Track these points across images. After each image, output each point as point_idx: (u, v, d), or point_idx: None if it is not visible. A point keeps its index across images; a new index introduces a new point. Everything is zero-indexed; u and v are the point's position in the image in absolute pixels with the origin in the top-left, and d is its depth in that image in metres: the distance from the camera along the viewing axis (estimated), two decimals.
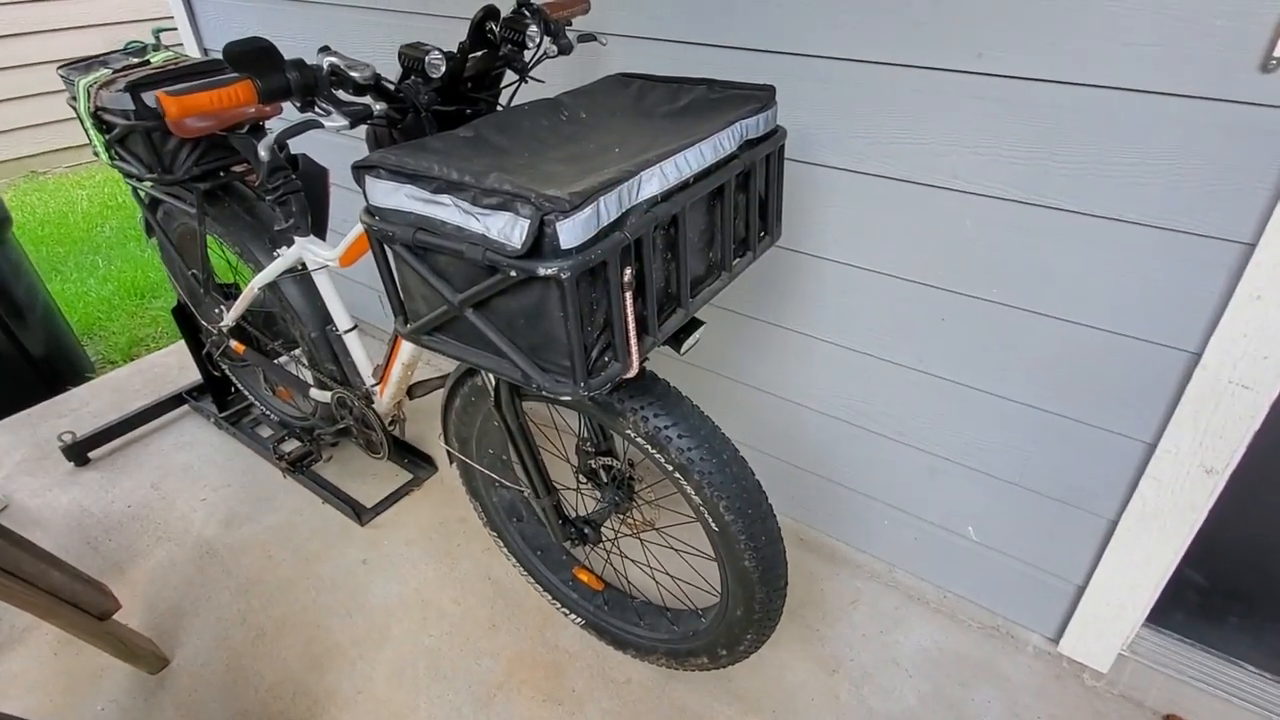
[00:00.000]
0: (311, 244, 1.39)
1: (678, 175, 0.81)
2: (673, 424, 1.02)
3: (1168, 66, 0.89)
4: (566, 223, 0.68)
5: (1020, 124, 1.01)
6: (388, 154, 0.79)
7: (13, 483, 1.90)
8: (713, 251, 0.95)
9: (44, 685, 1.42)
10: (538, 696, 1.38)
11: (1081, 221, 1.02)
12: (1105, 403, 1.13)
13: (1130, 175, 0.96)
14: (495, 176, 0.71)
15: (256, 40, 0.79)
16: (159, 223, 1.72)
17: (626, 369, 0.80)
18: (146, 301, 3.04)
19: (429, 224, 0.77)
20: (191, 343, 1.95)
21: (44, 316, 2.31)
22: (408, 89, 0.92)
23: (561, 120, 0.96)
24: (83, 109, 1.44)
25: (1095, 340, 1.09)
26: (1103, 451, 1.16)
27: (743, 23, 1.18)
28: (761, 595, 1.09)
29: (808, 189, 1.24)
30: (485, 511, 1.48)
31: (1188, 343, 1.01)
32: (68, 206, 3.89)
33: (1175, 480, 1.10)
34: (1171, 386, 1.05)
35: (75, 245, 3.51)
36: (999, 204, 1.08)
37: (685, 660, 1.31)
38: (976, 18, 0.98)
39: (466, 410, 1.29)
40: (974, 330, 1.20)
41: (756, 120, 0.94)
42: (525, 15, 1.02)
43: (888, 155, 1.14)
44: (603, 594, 1.45)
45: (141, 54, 1.55)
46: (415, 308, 0.87)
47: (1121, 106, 0.93)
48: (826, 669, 1.41)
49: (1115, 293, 1.04)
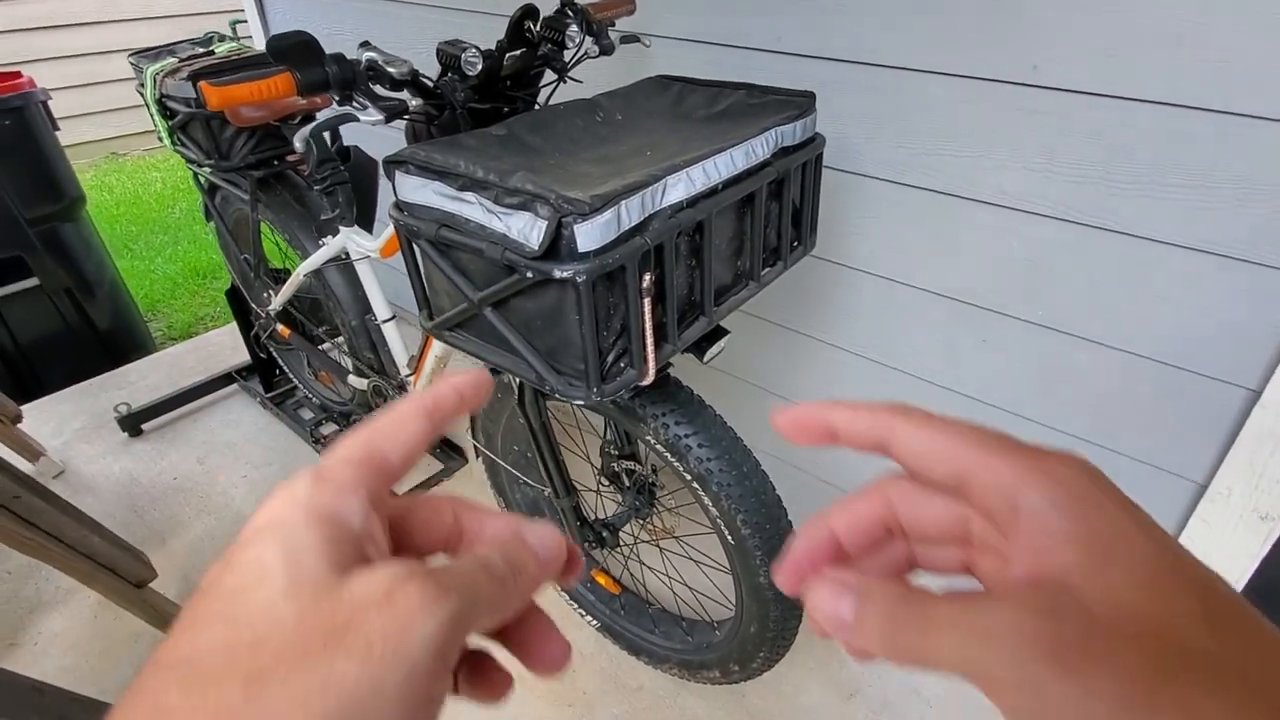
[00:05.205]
0: (355, 234, 1.42)
1: (705, 181, 0.79)
2: (693, 433, 1.00)
3: (1240, 84, 0.83)
4: (585, 225, 0.67)
5: (1075, 140, 0.97)
6: (418, 150, 0.79)
7: (70, 449, 1.99)
8: (741, 260, 0.93)
9: (82, 646, 1.48)
10: (548, 696, 1.38)
11: (1136, 245, 0.97)
12: (1154, 437, 1.06)
13: (1192, 199, 0.91)
14: (520, 176, 0.71)
15: (299, 34, 0.81)
16: (216, 208, 1.78)
17: (642, 376, 0.79)
18: (208, 282, 3.16)
19: (453, 221, 0.77)
20: (242, 324, 2.02)
21: (111, 292, 2.43)
22: (444, 86, 0.93)
23: (597, 121, 0.96)
24: (149, 95, 1.50)
25: (1146, 371, 1.03)
26: (1149, 489, 1.10)
27: (790, 27, 1.15)
28: (776, 614, 1.06)
29: (848, 199, 1.21)
30: (508, 507, 1.49)
31: (1247, 380, 0.95)
32: (142, 188, 4.09)
33: (1227, 524, 1.03)
34: (1227, 425, 0.99)
35: (147, 225, 3.68)
36: (1049, 223, 1.03)
37: (698, 672, 1.29)
38: (1033, 27, 0.94)
39: (493, 406, 1.30)
40: (1016, 354, 1.15)
41: (793, 127, 0.92)
42: (566, 15, 1.02)
43: (933, 167, 1.10)
44: (620, 598, 1.44)
45: (207, 44, 1.61)
46: (439, 303, 0.88)
47: (1185, 126, 0.88)
48: (843, 694, 1.37)
49: (1169, 322, 0.99)
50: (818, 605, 0.24)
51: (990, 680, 0.20)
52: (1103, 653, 0.19)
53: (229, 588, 0.21)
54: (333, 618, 0.20)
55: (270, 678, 0.18)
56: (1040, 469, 0.22)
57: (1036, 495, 0.22)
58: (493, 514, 0.27)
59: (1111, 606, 0.20)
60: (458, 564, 0.23)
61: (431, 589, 0.21)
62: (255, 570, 0.21)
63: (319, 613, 0.20)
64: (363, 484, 0.24)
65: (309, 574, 0.20)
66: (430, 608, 0.20)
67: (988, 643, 0.20)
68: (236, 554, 0.22)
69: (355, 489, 0.23)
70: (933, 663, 0.21)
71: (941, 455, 0.24)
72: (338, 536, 0.22)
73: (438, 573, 0.22)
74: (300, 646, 0.19)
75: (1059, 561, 0.21)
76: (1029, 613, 0.20)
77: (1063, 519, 0.21)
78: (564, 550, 0.27)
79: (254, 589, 0.20)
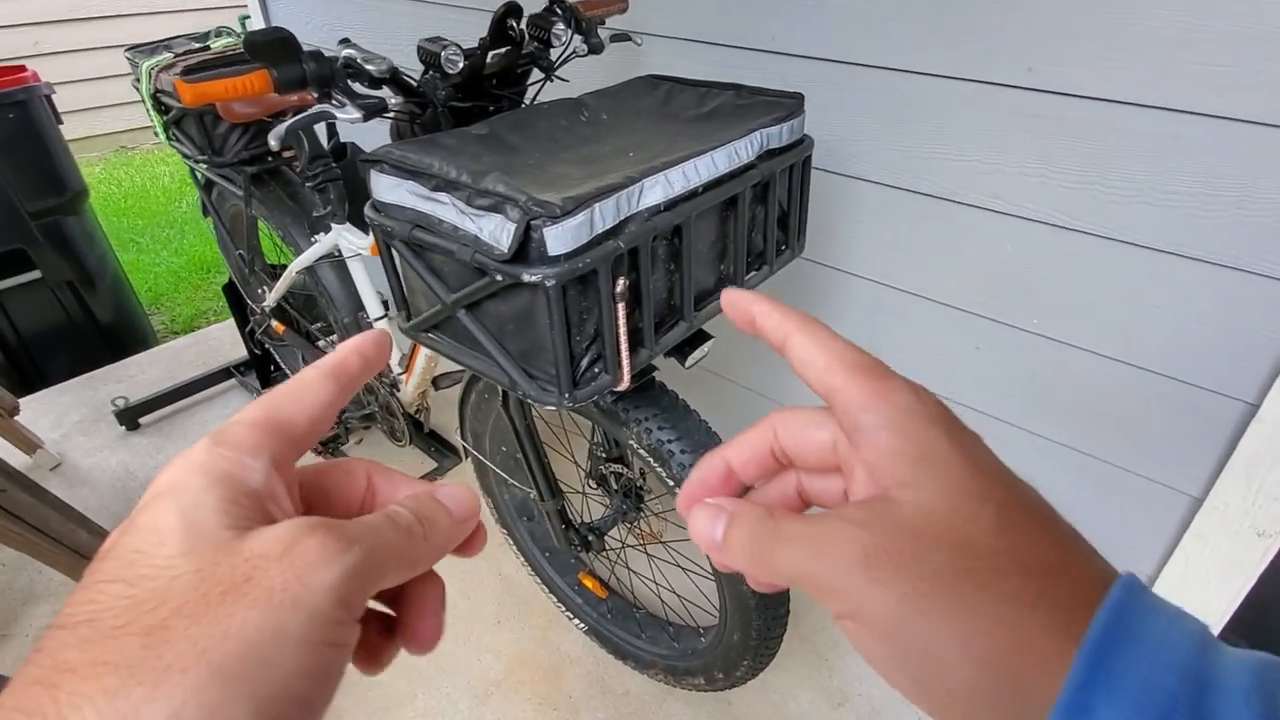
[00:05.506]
0: (348, 231, 1.41)
1: (685, 183, 0.78)
2: (676, 438, 0.99)
3: (1238, 90, 0.80)
4: (555, 229, 0.66)
5: (1071, 144, 0.94)
6: (393, 149, 0.78)
7: (68, 441, 2.00)
8: (724, 264, 0.91)
9: None
10: (534, 699, 1.37)
11: (1132, 253, 0.95)
12: (1149, 450, 1.04)
13: (1189, 206, 0.88)
14: (493, 177, 0.70)
15: (277, 30, 0.80)
16: (213, 203, 1.78)
17: (617, 382, 0.78)
18: (211, 276, 3.17)
19: (427, 221, 0.76)
20: (239, 319, 2.02)
21: (113, 285, 2.44)
22: (426, 84, 0.92)
23: (581, 121, 0.94)
24: (144, 90, 1.50)
25: (1141, 382, 1.01)
26: (1143, 502, 1.08)
27: (785, 26, 1.13)
28: (759, 622, 1.05)
29: (839, 202, 1.19)
30: (496, 508, 1.48)
31: (1244, 393, 0.93)
32: (150, 182, 4.11)
33: (1222, 540, 1.01)
34: (1223, 439, 0.96)
35: (153, 218, 3.69)
36: (1043, 229, 1.01)
37: (683, 678, 1.28)
38: (1029, 29, 0.92)
39: (480, 407, 1.29)
40: (1010, 361, 1.13)
41: (780, 129, 0.90)
42: (554, 13, 1.01)
43: (926, 171, 1.08)
44: (607, 602, 1.43)
45: (204, 40, 1.61)
46: (416, 304, 0.87)
47: (1183, 131, 0.86)
48: (832, 702, 1.36)
49: (1165, 332, 0.96)
50: (696, 527, 0.26)
51: (820, 587, 0.22)
52: (908, 558, 0.21)
53: (128, 549, 0.21)
54: (232, 572, 0.20)
55: (170, 630, 0.19)
56: (882, 393, 0.24)
57: (873, 416, 0.24)
58: (407, 477, 0.28)
59: (923, 515, 0.21)
60: (364, 518, 0.24)
61: (333, 540, 0.21)
62: (153, 532, 0.21)
63: (218, 568, 0.20)
64: (264, 446, 0.24)
65: (207, 533, 0.21)
66: (330, 559, 0.21)
67: (818, 553, 0.22)
68: (137, 518, 0.22)
69: (255, 451, 0.24)
70: (782, 575, 0.23)
71: (819, 369, 0.26)
72: (236, 497, 0.22)
73: (340, 525, 0.22)
74: (199, 600, 0.19)
75: (886, 477, 0.23)
76: (850, 524, 0.22)
77: (892, 438, 0.23)
78: (477, 507, 0.27)
79: (153, 549, 0.20)
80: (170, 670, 0.18)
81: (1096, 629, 0.19)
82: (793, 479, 0.29)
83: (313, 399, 0.26)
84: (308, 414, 0.26)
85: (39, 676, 0.18)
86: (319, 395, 0.26)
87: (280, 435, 0.25)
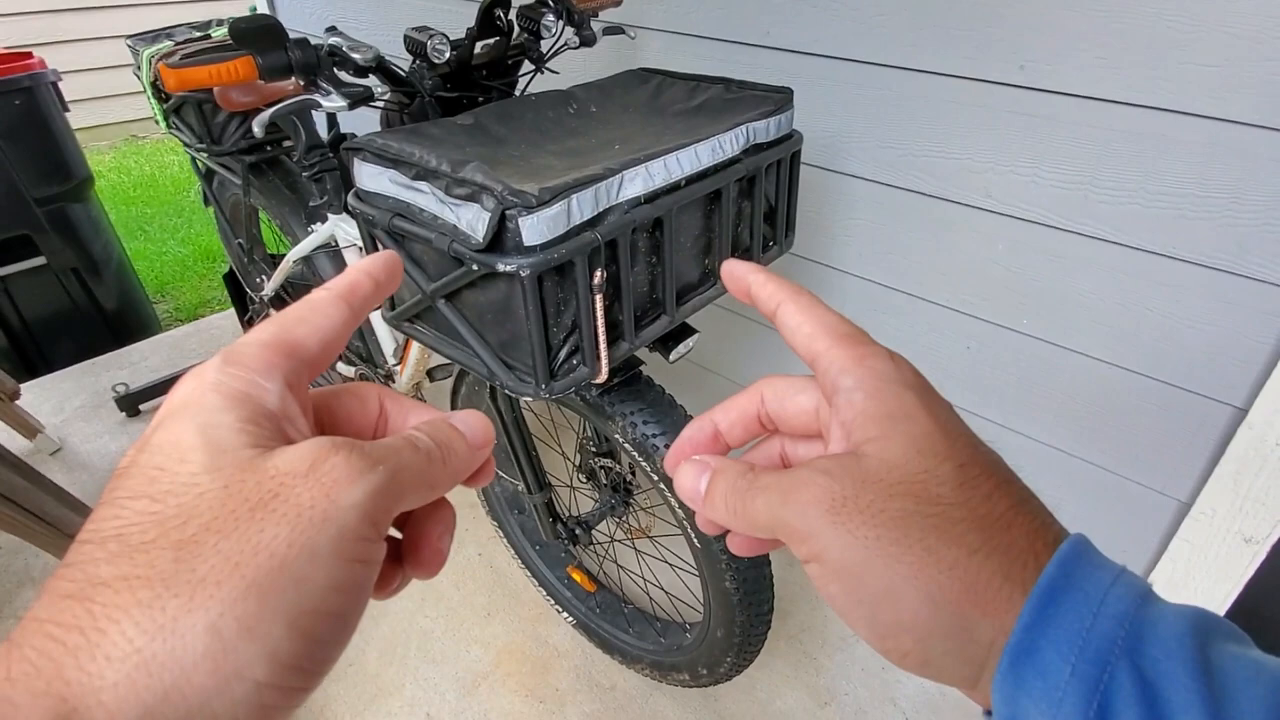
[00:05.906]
0: (344, 221, 1.42)
1: (666, 176, 0.77)
2: (661, 432, 0.98)
3: (1229, 91, 0.79)
4: (530, 219, 0.66)
5: (1063, 144, 0.93)
6: (375, 137, 0.78)
7: (69, 427, 2.02)
8: (709, 258, 0.91)
9: None
10: (521, 691, 1.37)
11: (1122, 254, 0.94)
12: (1137, 453, 1.03)
13: (1180, 208, 0.87)
14: (472, 167, 0.70)
15: (263, 18, 0.80)
16: (214, 193, 1.79)
17: (595, 374, 0.77)
18: (217, 265, 3.19)
19: (408, 210, 0.76)
20: (239, 308, 2.03)
21: (118, 272, 2.46)
22: (413, 74, 0.92)
23: (569, 113, 0.94)
24: (144, 78, 1.51)
25: (1131, 384, 1.00)
26: (1131, 505, 1.07)
27: (779, 21, 1.13)
28: (742, 619, 1.05)
29: (831, 198, 1.18)
30: (487, 500, 1.48)
31: (1233, 397, 0.91)
32: (159, 170, 4.13)
33: (1210, 545, 1.00)
34: (1212, 443, 0.95)
35: (161, 207, 3.72)
36: (1035, 229, 1.00)
37: (668, 674, 1.28)
38: (1021, 27, 0.91)
39: (471, 399, 1.29)
40: (1000, 361, 1.12)
41: (767, 124, 0.89)
42: (544, 4, 1.00)
43: (918, 169, 1.07)
44: (596, 596, 1.43)
45: (205, 28, 1.61)
46: (399, 293, 0.87)
47: (1175, 131, 0.85)
48: (819, 700, 1.35)
49: (1156, 335, 0.95)
50: (681, 483, 0.28)
51: (789, 532, 0.24)
52: (869, 505, 0.22)
53: (149, 466, 0.20)
54: (259, 489, 0.20)
55: (200, 545, 0.19)
56: (861, 359, 0.26)
57: (851, 379, 0.25)
58: (419, 403, 0.28)
59: (887, 469, 0.23)
60: (384, 440, 0.24)
61: (357, 459, 0.21)
62: (174, 450, 0.21)
63: (244, 485, 0.20)
64: (276, 367, 0.24)
65: (229, 450, 0.21)
66: (355, 477, 0.21)
67: (788, 500, 0.24)
68: (152, 436, 0.21)
69: (267, 372, 0.23)
70: (757, 524, 0.25)
71: (805, 335, 0.27)
72: (254, 417, 0.22)
73: (364, 446, 0.22)
74: (229, 516, 0.19)
75: (857, 434, 0.24)
76: (819, 473, 0.24)
77: (866, 399, 0.25)
78: (491, 435, 0.27)
79: (175, 466, 0.20)
80: (205, 583, 0.18)
81: (1045, 577, 0.21)
82: (777, 444, 0.31)
83: (325, 321, 0.26)
84: (320, 336, 0.25)
85: (71, 590, 0.18)
86: (331, 318, 0.26)
87: (293, 357, 0.24)
